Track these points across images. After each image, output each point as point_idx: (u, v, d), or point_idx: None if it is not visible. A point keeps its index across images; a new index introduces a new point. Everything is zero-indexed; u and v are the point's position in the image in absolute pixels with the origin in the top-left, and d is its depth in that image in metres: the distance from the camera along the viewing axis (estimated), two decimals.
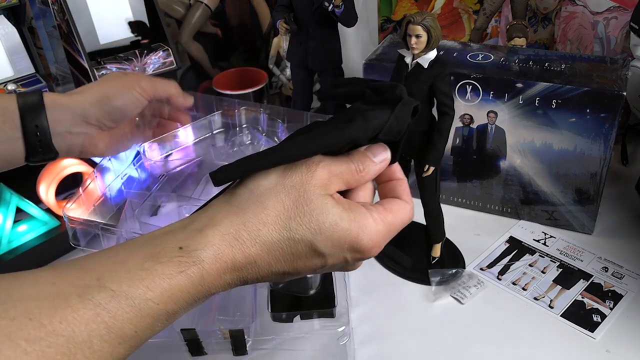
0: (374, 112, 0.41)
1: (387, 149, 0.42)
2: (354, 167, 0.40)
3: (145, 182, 0.87)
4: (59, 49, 1.10)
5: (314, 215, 0.37)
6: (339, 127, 0.39)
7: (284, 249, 0.37)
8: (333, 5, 0.90)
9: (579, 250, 0.82)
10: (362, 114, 0.41)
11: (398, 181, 0.43)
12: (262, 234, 0.37)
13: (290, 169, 0.38)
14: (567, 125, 0.79)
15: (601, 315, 0.72)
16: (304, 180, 0.37)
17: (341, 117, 0.41)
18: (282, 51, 1.19)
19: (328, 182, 0.38)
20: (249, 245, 0.37)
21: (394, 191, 0.42)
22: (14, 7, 0.93)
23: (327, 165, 0.38)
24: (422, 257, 0.81)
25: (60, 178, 0.84)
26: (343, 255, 0.39)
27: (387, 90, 0.43)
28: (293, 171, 0.38)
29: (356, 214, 0.39)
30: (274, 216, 0.37)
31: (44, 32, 1.12)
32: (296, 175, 0.38)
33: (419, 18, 0.66)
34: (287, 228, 0.37)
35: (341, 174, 0.39)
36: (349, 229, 0.38)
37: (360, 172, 0.40)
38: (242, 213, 0.37)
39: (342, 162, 0.39)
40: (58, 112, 0.56)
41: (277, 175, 0.38)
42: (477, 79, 0.81)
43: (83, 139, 0.59)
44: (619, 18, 0.98)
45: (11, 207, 0.80)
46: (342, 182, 0.39)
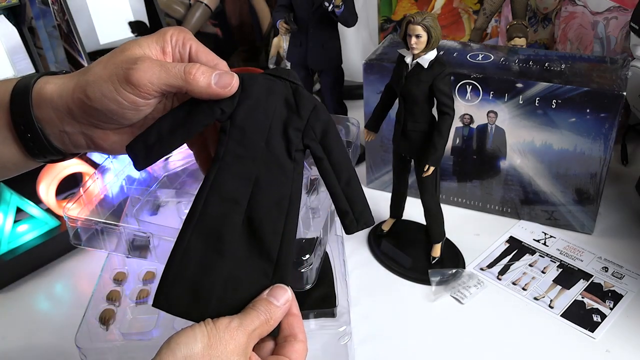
0: None
1: (287, 289, 0.42)
2: (263, 318, 0.40)
3: (145, 182, 0.87)
4: (59, 49, 1.10)
5: None
6: None
7: None
8: (333, 5, 0.90)
9: (579, 250, 0.83)
10: None
11: (293, 317, 0.43)
12: None
13: (215, 338, 0.39)
14: (567, 125, 0.79)
15: (601, 315, 0.72)
16: (228, 350, 0.38)
17: None
18: (282, 51, 1.19)
19: (246, 346, 0.39)
20: None
21: (290, 328, 0.43)
22: (14, 7, 0.93)
23: (244, 328, 0.40)
24: (422, 257, 0.81)
25: (60, 178, 0.84)
26: None
27: None
28: (217, 340, 0.39)
29: None
30: None
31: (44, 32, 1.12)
32: (220, 346, 0.38)
33: (419, 18, 0.67)
34: None
35: (255, 332, 0.40)
36: None
37: (269, 322, 0.41)
38: None
39: (254, 318, 0.40)
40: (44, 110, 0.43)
41: (203, 345, 0.38)
42: (477, 79, 0.81)
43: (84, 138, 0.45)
44: (619, 18, 0.98)
45: (11, 207, 0.80)
46: (256, 337, 0.41)
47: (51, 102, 0.43)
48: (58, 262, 0.84)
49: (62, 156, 0.47)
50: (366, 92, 0.90)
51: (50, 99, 0.43)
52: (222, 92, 0.41)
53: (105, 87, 0.40)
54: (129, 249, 0.71)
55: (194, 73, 0.40)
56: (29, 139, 0.44)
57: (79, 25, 0.95)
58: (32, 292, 0.80)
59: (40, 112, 0.44)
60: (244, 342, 0.39)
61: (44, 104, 0.43)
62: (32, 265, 0.82)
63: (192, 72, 0.40)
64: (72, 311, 0.73)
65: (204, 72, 0.41)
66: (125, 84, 0.40)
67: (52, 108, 0.43)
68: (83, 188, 0.78)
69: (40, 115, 0.44)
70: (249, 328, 0.40)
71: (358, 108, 0.99)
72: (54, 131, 0.44)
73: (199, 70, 0.41)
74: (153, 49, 0.43)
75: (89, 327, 0.63)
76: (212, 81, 0.41)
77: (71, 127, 0.44)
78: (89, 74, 0.42)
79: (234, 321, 0.40)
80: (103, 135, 0.45)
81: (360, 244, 0.86)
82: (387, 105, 0.78)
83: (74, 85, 0.42)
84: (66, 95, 0.42)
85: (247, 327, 0.40)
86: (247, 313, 0.41)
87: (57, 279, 0.82)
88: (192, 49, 0.44)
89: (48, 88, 0.43)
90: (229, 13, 1.27)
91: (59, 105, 0.43)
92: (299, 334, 0.43)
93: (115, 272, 0.73)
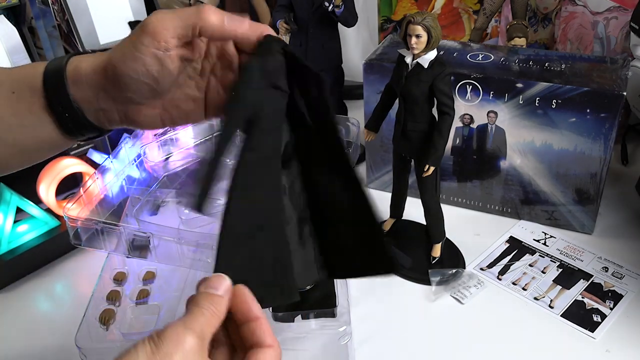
0: None
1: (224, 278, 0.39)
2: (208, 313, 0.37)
3: (145, 182, 0.87)
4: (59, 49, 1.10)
5: None
6: None
7: None
8: (333, 5, 0.90)
9: (579, 250, 0.83)
10: None
11: (256, 322, 0.39)
12: None
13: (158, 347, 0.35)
14: (567, 125, 0.79)
15: (601, 315, 0.72)
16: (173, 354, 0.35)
17: None
18: None
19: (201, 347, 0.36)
20: None
21: (253, 335, 0.38)
22: (14, 7, 0.93)
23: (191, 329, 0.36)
24: (422, 257, 0.81)
25: (60, 178, 0.84)
26: None
27: None
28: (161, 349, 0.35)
29: None
30: None
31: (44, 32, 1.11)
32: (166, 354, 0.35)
33: (419, 18, 0.67)
34: None
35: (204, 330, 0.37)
36: None
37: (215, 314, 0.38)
38: None
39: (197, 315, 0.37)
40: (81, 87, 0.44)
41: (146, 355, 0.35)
42: (477, 79, 0.81)
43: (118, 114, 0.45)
44: (619, 18, 0.98)
45: (11, 207, 0.80)
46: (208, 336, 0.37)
47: (87, 78, 0.44)
48: (58, 262, 0.84)
49: (99, 132, 0.47)
50: (366, 92, 0.90)
51: (86, 75, 0.44)
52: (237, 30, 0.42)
53: (125, 47, 0.42)
54: (129, 249, 0.71)
55: (207, 10, 0.41)
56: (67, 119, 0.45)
57: (79, 25, 0.96)
58: (32, 292, 0.80)
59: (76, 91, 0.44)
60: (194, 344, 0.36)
61: (80, 81, 0.44)
62: (32, 265, 0.82)
63: (205, 9, 0.41)
64: (72, 311, 0.73)
65: (215, 11, 0.41)
66: (142, 36, 0.41)
67: (88, 85, 0.44)
68: (83, 188, 0.78)
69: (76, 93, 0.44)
70: (197, 328, 0.37)
71: (358, 108, 0.99)
72: (90, 108, 0.45)
73: (211, 8, 0.42)
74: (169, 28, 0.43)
75: (89, 327, 0.63)
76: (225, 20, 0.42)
77: (105, 103, 0.45)
78: (115, 45, 0.43)
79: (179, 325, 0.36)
80: (136, 110, 0.45)
81: None
82: (387, 105, 0.78)
83: (105, 59, 0.43)
84: (99, 70, 0.43)
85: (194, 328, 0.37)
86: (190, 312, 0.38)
87: (57, 279, 0.82)
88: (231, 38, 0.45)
89: (83, 65, 0.44)
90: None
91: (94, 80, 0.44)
92: (265, 339, 0.39)
93: (115, 272, 0.74)
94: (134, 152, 0.87)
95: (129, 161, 0.86)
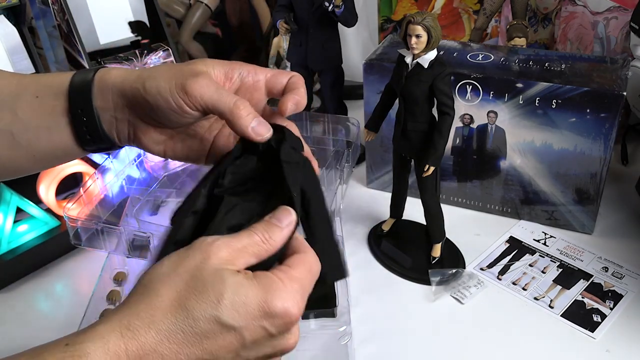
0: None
1: (292, 212, 0.39)
2: (258, 238, 0.38)
3: (145, 182, 0.87)
4: (59, 49, 1.10)
5: (209, 287, 0.35)
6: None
7: (185, 330, 0.34)
8: (333, 5, 0.90)
9: (579, 250, 0.83)
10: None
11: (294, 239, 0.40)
12: (157, 319, 0.34)
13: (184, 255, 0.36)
14: (567, 125, 0.79)
15: (601, 315, 0.72)
16: (199, 262, 0.35)
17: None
18: (282, 51, 1.19)
19: (230, 259, 0.36)
20: (142, 332, 0.34)
21: (289, 248, 0.40)
22: (14, 7, 0.93)
23: (225, 243, 0.36)
24: (422, 257, 0.81)
25: (60, 178, 0.84)
26: (259, 324, 0.36)
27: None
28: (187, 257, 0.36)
29: (260, 279, 0.36)
30: (168, 300, 0.34)
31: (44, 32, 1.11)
32: (190, 260, 0.35)
33: (419, 18, 0.67)
34: (183, 308, 0.34)
35: (245, 248, 0.37)
36: (255, 294, 0.35)
37: (268, 241, 0.38)
38: (135, 304, 0.35)
39: (243, 236, 0.37)
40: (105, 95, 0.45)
41: (170, 264, 0.36)
42: (477, 79, 0.81)
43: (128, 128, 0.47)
44: (619, 18, 0.98)
45: (11, 207, 0.80)
46: (249, 256, 0.37)
47: (113, 85, 0.45)
48: (58, 262, 0.84)
49: (109, 145, 0.48)
50: (366, 92, 0.90)
51: (113, 83, 0.45)
52: (254, 137, 0.42)
53: (162, 85, 0.43)
54: (129, 249, 0.71)
55: (242, 109, 0.42)
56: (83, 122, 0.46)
57: (79, 25, 0.95)
58: (32, 292, 0.80)
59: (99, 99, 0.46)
60: (223, 255, 0.36)
61: (106, 88, 0.46)
62: (32, 265, 0.82)
63: (239, 108, 0.42)
64: (72, 311, 0.73)
65: (249, 113, 0.42)
66: (181, 89, 0.42)
67: (112, 92, 0.46)
68: (83, 188, 0.78)
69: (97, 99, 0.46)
70: (234, 243, 0.37)
71: (358, 108, 0.99)
72: (107, 116, 0.46)
73: (246, 108, 0.42)
74: (217, 71, 0.45)
75: None
76: (252, 124, 0.42)
77: (121, 114, 0.46)
78: (154, 70, 0.44)
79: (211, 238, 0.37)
80: (145, 129, 0.47)
81: (360, 244, 0.86)
82: (387, 105, 0.78)
83: (137, 74, 0.45)
84: (128, 82, 0.45)
85: (230, 242, 0.37)
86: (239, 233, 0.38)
87: (57, 279, 0.82)
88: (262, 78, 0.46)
89: (112, 73, 0.46)
90: (229, 13, 1.27)
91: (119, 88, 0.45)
92: (300, 248, 0.40)
93: (115, 272, 0.74)
94: (134, 152, 0.87)
95: (129, 161, 0.86)
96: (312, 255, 0.40)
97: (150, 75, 0.44)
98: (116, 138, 0.47)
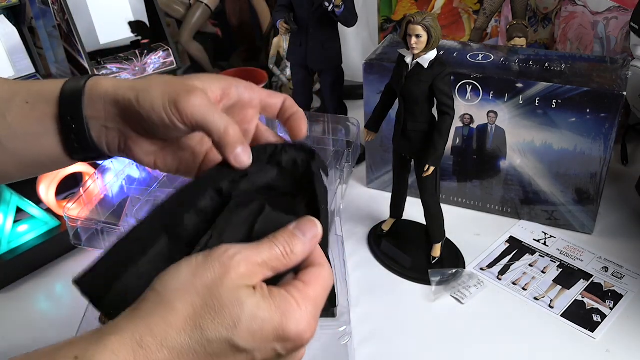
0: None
1: (317, 224, 0.38)
2: (279, 251, 0.36)
3: (145, 182, 0.87)
4: (59, 49, 1.10)
5: (226, 310, 0.34)
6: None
7: (198, 351, 0.34)
8: (333, 5, 0.90)
9: (579, 250, 0.83)
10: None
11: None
12: (170, 337, 0.33)
13: (202, 265, 0.35)
14: (567, 125, 0.79)
15: (601, 315, 0.72)
16: (217, 277, 0.34)
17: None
18: (282, 51, 1.19)
19: (249, 275, 0.35)
20: (154, 350, 0.33)
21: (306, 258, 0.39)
22: (14, 7, 0.93)
23: (245, 258, 0.35)
24: (422, 257, 0.81)
25: (60, 178, 0.84)
26: (271, 347, 0.35)
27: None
28: (205, 269, 0.35)
29: (277, 299, 0.35)
30: (183, 318, 0.34)
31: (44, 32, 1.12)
32: (209, 273, 0.34)
33: (419, 18, 0.67)
34: (198, 327, 0.34)
35: (265, 263, 0.36)
36: (271, 318, 0.35)
37: (288, 255, 0.37)
38: (149, 317, 0.34)
39: (264, 249, 0.36)
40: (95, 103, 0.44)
41: (187, 274, 0.35)
42: (477, 79, 0.81)
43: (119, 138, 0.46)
44: (619, 18, 0.98)
45: (11, 207, 0.80)
46: (267, 270, 0.36)
47: (106, 94, 0.44)
48: (58, 262, 0.84)
49: (98, 155, 0.47)
50: (366, 92, 0.90)
51: (106, 92, 0.45)
52: (234, 163, 0.41)
53: (155, 98, 0.42)
54: None
55: (231, 135, 0.41)
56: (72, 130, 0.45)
57: (79, 25, 0.96)
58: (32, 292, 0.80)
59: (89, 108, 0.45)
60: (242, 271, 0.35)
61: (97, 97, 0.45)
62: (32, 265, 0.82)
63: (229, 134, 0.41)
64: (72, 311, 0.73)
65: (236, 141, 0.41)
66: (173, 105, 0.41)
67: (105, 101, 0.45)
68: (83, 188, 0.78)
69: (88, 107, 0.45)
70: (254, 258, 0.36)
71: (358, 108, 0.99)
72: (97, 125, 0.45)
73: (235, 135, 0.41)
74: (214, 87, 0.45)
75: (89, 327, 0.63)
76: (237, 150, 0.41)
77: (112, 123, 0.45)
78: (148, 82, 0.43)
79: (233, 249, 0.35)
80: (136, 139, 0.46)
81: (360, 244, 0.86)
82: (387, 105, 0.78)
83: (130, 84, 0.44)
84: (121, 91, 0.44)
85: (249, 257, 0.35)
86: (261, 243, 0.37)
87: (57, 279, 0.82)
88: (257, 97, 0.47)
89: (104, 82, 0.45)
90: (229, 13, 1.27)
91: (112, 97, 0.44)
92: (316, 260, 0.39)
93: None
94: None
95: (129, 161, 0.86)
96: (328, 269, 0.39)
97: (143, 87, 0.43)
98: (105, 148, 0.47)
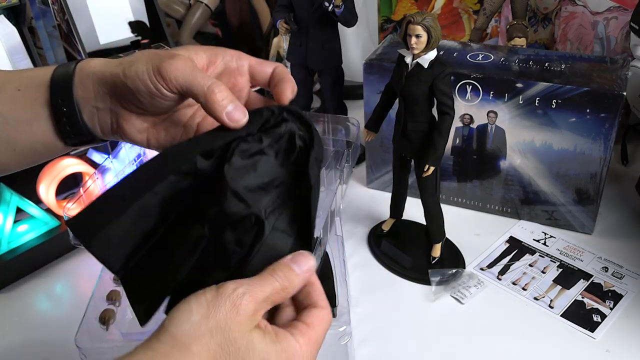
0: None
1: (311, 256, 0.40)
2: (278, 285, 0.38)
3: None
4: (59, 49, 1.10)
5: (240, 354, 0.36)
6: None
7: None
8: (333, 5, 0.90)
9: (579, 250, 0.83)
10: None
11: (311, 286, 0.41)
12: None
13: (214, 307, 0.36)
14: (567, 125, 0.79)
15: (601, 315, 0.72)
16: (229, 318, 0.36)
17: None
18: (282, 51, 1.19)
19: (255, 313, 0.37)
20: None
21: (308, 298, 0.40)
22: (14, 7, 0.93)
23: (252, 296, 0.37)
24: (422, 257, 0.81)
25: (60, 178, 0.84)
26: None
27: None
28: (217, 309, 0.36)
29: (283, 344, 0.37)
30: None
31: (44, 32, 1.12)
32: (220, 314, 0.36)
33: (419, 18, 0.67)
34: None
35: (267, 299, 0.37)
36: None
37: (287, 289, 0.38)
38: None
39: (266, 284, 0.38)
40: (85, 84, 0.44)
41: (200, 316, 0.35)
42: (477, 79, 0.81)
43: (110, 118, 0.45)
44: (619, 18, 0.98)
45: (11, 207, 0.80)
46: (269, 305, 0.38)
47: (94, 74, 0.44)
48: (58, 262, 0.84)
49: (91, 138, 0.47)
50: (366, 92, 0.90)
51: (94, 71, 0.44)
52: (228, 123, 0.40)
53: (140, 68, 0.42)
54: None
55: (217, 93, 0.40)
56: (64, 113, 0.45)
57: (79, 25, 0.96)
58: (32, 292, 0.80)
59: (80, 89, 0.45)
60: (250, 310, 0.36)
61: (86, 78, 0.45)
62: (32, 265, 0.82)
63: (214, 92, 0.40)
64: (72, 311, 0.73)
65: (224, 98, 0.40)
66: (157, 71, 0.41)
67: (93, 81, 0.44)
68: (83, 188, 0.78)
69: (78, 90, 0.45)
70: (259, 296, 0.37)
71: (358, 108, 0.99)
72: (88, 107, 0.45)
73: (222, 92, 0.40)
74: (200, 57, 0.44)
75: (89, 327, 0.63)
76: (227, 108, 0.40)
77: (103, 103, 0.45)
78: (134, 56, 0.43)
79: (241, 288, 0.36)
80: (128, 117, 0.45)
81: (360, 244, 0.86)
82: (387, 105, 0.78)
83: (118, 61, 0.44)
84: (108, 68, 0.44)
85: (256, 295, 0.37)
86: (262, 278, 0.38)
87: (57, 279, 0.82)
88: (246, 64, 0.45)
89: (93, 63, 0.45)
90: (229, 13, 1.27)
91: (99, 76, 0.44)
92: (319, 302, 0.40)
93: None
94: (134, 152, 0.87)
95: (129, 161, 0.86)
96: (328, 311, 0.40)
97: (130, 61, 0.43)
98: (98, 130, 0.46)
